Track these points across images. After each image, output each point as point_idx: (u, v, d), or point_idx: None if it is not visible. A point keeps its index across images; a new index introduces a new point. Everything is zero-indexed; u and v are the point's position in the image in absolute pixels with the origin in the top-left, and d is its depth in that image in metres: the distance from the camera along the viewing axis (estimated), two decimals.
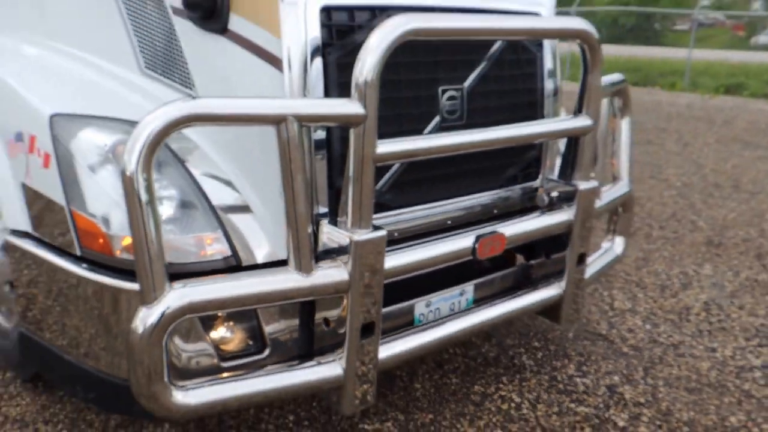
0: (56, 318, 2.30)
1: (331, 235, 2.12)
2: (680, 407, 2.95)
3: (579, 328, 3.59)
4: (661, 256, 4.73)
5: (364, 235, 2.05)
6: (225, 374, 2.16)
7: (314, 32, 2.14)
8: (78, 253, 2.18)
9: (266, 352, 2.24)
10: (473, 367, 3.18)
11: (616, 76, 3.10)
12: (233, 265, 2.15)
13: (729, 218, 5.69)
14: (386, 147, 2.07)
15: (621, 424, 2.82)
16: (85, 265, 2.16)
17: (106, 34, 2.65)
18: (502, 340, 3.43)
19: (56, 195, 2.20)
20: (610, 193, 3.13)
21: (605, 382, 3.11)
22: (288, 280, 2.02)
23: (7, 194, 2.40)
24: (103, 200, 2.13)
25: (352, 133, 1.99)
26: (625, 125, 3.23)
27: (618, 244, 3.35)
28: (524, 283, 2.90)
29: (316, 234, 2.14)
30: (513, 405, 2.91)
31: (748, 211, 5.95)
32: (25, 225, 2.36)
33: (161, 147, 1.79)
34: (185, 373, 2.13)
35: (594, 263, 3.16)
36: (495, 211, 2.72)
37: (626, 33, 29.13)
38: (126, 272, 2.07)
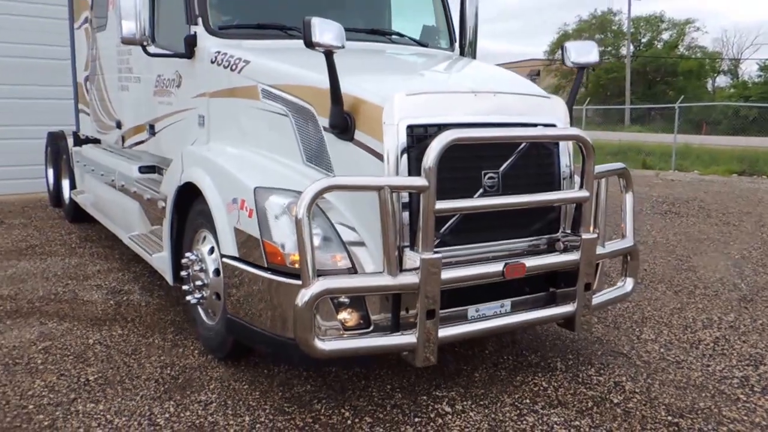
0: (250, 305, 3.90)
1: (409, 257, 3.61)
2: (665, 396, 4.13)
3: (606, 348, 4.83)
4: (695, 307, 5.85)
5: (428, 256, 3.52)
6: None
7: (402, 140, 3.69)
8: (265, 265, 3.78)
9: (371, 328, 3.72)
10: (519, 367, 4.51)
11: (617, 164, 4.49)
12: (352, 273, 3.68)
13: None
14: (442, 205, 3.55)
15: (616, 401, 4.05)
16: (269, 272, 3.76)
17: (282, 141, 4.35)
18: (546, 353, 4.74)
19: (255, 232, 3.83)
20: (616, 245, 4.45)
21: (614, 379, 4.34)
22: (382, 280, 3.52)
23: (224, 235, 4.08)
24: (281, 234, 3.74)
25: (421, 197, 3.50)
26: (628, 198, 4.56)
27: (628, 283, 4.62)
28: (549, 302, 4.25)
29: (401, 257, 3.63)
30: (542, 388, 4.21)
31: None
32: (234, 252, 4.02)
33: (315, 204, 3.39)
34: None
35: (607, 293, 4.47)
36: (525, 252, 4.12)
37: (749, 124, 29.42)
38: (293, 275, 3.63)
